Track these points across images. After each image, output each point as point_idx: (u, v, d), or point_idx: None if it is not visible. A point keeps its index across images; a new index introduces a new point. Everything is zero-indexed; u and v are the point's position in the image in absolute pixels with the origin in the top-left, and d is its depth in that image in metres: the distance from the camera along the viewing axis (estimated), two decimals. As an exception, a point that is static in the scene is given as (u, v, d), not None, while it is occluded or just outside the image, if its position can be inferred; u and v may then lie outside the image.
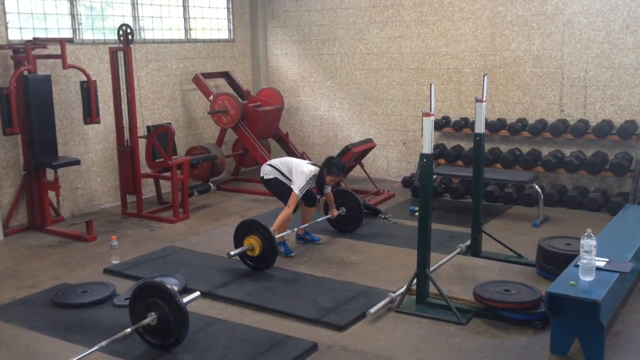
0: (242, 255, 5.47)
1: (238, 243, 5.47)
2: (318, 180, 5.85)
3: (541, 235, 5.70)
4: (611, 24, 7.27)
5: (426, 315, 4.51)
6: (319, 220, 6.26)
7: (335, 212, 6.28)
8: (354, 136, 9.23)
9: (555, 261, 4.96)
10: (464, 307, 4.56)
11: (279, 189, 5.89)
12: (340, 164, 5.94)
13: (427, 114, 4.36)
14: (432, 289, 4.64)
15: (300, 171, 5.77)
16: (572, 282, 3.95)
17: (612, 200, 7.01)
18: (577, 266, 4.10)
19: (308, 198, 6.04)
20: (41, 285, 5.25)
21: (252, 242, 5.35)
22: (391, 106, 8.96)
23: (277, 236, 5.49)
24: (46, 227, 6.74)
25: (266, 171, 5.97)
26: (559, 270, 4.36)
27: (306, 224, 6.12)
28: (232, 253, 5.32)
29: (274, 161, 6.04)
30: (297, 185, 5.69)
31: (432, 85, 4.44)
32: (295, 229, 6.04)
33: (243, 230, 5.47)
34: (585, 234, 4.00)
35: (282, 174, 5.87)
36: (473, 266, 5.46)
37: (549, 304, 3.88)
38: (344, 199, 6.49)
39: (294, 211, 5.75)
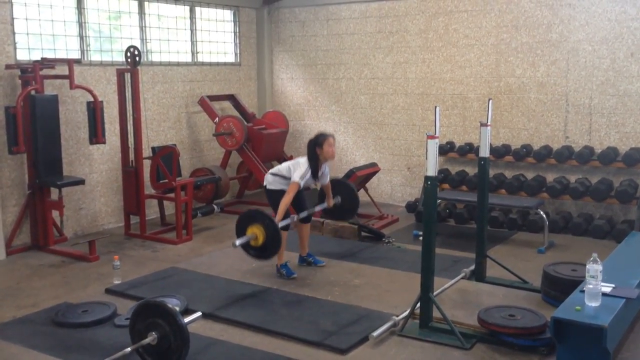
0: (245, 246, 5.41)
1: (240, 233, 5.42)
2: (313, 165, 5.76)
3: (546, 262, 5.64)
4: (616, 52, 7.30)
5: (429, 340, 4.46)
6: (316, 209, 6.17)
7: (332, 202, 6.23)
8: (358, 160, 9.24)
9: (560, 287, 4.90)
10: (468, 332, 4.50)
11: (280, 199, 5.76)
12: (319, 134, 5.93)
13: (432, 137, 4.36)
14: (436, 314, 4.60)
15: (297, 163, 5.80)
16: (577, 308, 3.91)
17: (618, 228, 6.97)
18: (583, 291, 4.05)
19: (304, 215, 5.99)
20: (42, 305, 5.22)
21: (255, 232, 5.32)
22: (396, 131, 8.98)
23: (280, 225, 5.43)
24: (49, 246, 6.72)
25: (269, 180, 5.91)
26: (564, 296, 4.31)
27: (305, 245, 6.11)
28: (237, 243, 5.26)
29: (273, 169, 6.01)
30: (297, 174, 5.65)
31: (437, 108, 4.44)
32: (299, 254, 6.02)
33: (245, 221, 5.43)
34: (591, 258, 3.96)
35: (284, 177, 5.80)
36: (477, 291, 5.41)
37: (555, 329, 3.83)
38: (340, 188, 6.41)
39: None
